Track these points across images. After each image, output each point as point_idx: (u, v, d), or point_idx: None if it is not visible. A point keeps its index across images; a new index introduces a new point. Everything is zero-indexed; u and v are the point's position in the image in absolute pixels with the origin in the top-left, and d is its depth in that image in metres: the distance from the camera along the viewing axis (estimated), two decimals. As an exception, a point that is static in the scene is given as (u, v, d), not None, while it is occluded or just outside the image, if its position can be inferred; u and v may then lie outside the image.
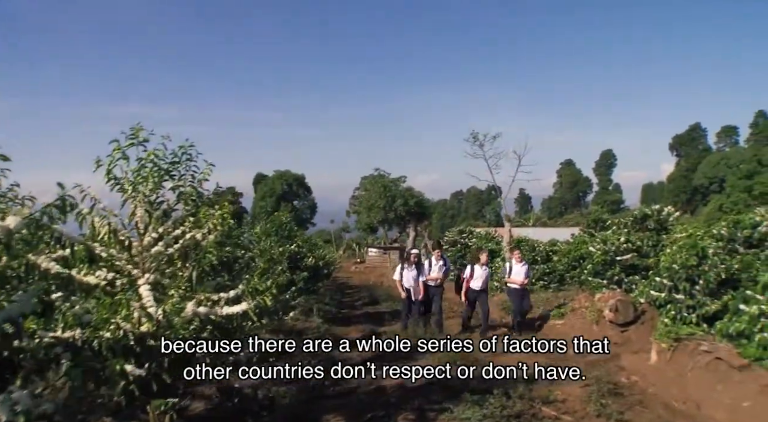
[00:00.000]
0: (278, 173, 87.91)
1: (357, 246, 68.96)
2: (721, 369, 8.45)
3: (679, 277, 11.10)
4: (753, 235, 15.61)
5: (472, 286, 14.23)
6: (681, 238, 12.58)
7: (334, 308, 18.64)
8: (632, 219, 16.58)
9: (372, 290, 26.29)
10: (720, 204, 62.52)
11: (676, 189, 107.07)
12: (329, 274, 21.76)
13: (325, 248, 35.44)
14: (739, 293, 9.61)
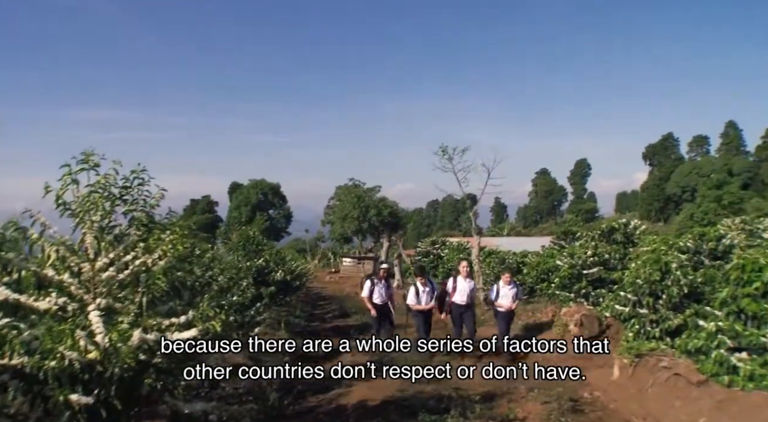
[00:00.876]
0: (253, 182, 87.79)
1: (333, 256, 68.82)
2: (680, 385, 8.54)
3: (643, 292, 11.21)
4: (718, 248, 15.87)
5: (456, 301, 13.28)
6: (645, 252, 12.68)
7: (304, 321, 18.60)
8: (600, 233, 16.74)
9: (343, 302, 26.26)
10: (691, 213, 63.23)
11: (650, 197, 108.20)
12: (300, 287, 21.67)
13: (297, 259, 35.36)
14: (698, 309, 9.72)
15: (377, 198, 40.15)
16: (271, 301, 15.76)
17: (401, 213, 44.21)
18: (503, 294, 13.47)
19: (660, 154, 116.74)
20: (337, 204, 44.34)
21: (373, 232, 40.81)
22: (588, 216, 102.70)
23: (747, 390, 7.81)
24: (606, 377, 10.29)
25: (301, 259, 39.03)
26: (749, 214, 58.35)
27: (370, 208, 37.84)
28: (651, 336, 10.95)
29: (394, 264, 34.55)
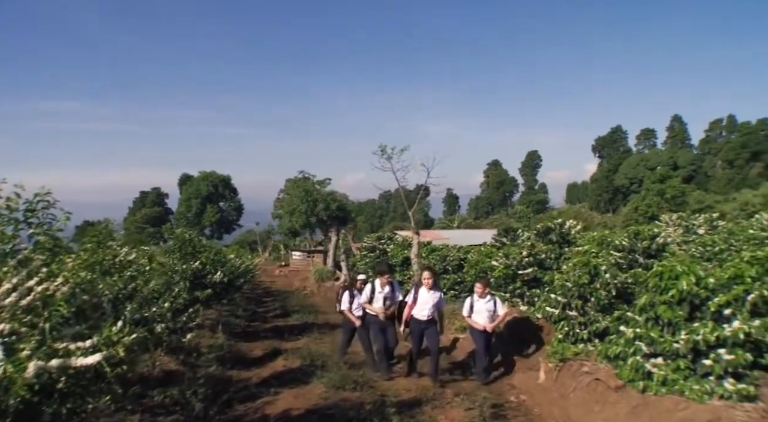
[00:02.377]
0: (204, 174, 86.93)
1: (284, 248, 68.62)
2: (600, 390, 8.77)
3: (572, 295, 11.41)
4: (651, 246, 16.20)
5: (416, 315, 11.11)
6: (577, 254, 12.89)
7: (245, 321, 18.55)
8: (536, 233, 16.95)
9: (287, 299, 26.26)
10: (636, 206, 64.45)
11: (599, 189, 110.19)
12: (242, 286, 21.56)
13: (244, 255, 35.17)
14: (622, 313, 9.94)
15: (326, 191, 40.15)
16: (209, 304, 15.68)
17: (350, 207, 44.27)
18: (478, 309, 11.46)
19: (609, 147, 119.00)
20: (286, 197, 44.20)
21: (321, 226, 40.80)
22: (538, 208, 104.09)
23: (660, 395, 8.07)
24: (533, 381, 10.50)
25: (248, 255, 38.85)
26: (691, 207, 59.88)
27: (318, 202, 37.86)
28: (579, 339, 11.17)
29: (341, 260, 34.54)
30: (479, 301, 11.53)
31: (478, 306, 11.49)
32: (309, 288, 34.66)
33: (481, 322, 11.31)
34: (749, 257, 11.46)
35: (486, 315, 11.34)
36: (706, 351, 8.13)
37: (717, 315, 8.50)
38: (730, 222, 46.83)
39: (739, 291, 9.33)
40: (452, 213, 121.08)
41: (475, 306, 11.55)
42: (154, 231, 68.47)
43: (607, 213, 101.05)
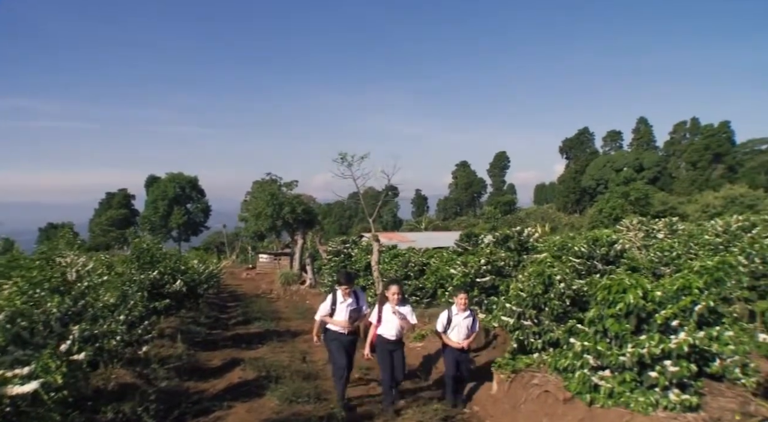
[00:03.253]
0: (170, 176, 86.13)
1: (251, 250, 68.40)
2: (549, 402, 8.90)
3: (526, 304, 11.54)
4: (610, 252, 16.44)
5: (382, 333, 9.88)
6: (533, 264, 13.03)
7: (207, 329, 18.44)
8: (495, 240, 17.11)
9: (252, 305, 26.17)
10: (600, 208, 65.24)
11: (566, 190, 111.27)
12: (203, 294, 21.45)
13: (209, 259, 35.02)
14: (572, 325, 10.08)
15: (292, 194, 40.12)
16: (169, 313, 15.62)
17: (317, 209, 44.24)
18: (456, 324, 10.15)
19: (576, 148, 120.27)
20: (252, 200, 44.10)
21: (287, 229, 40.76)
22: (506, 209, 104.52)
23: (606, 408, 8.22)
24: (486, 391, 10.60)
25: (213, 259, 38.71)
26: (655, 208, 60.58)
27: (284, 205, 37.79)
28: (534, 348, 11.31)
29: (306, 263, 34.53)
30: (458, 316, 10.17)
31: (456, 321, 10.15)
32: (275, 291, 34.64)
33: (456, 339, 10.09)
34: (699, 266, 11.74)
35: (464, 333, 10.13)
36: (652, 364, 8.30)
37: (664, 327, 8.68)
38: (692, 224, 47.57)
39: (686, 302, 9.53)
40: (421, 214, 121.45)
41: (453, 320, 10.18)
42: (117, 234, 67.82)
43: (575, 213, 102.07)
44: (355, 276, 11.26)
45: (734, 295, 11.64)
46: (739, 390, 9.10)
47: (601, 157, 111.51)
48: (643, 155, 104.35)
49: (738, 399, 8.90)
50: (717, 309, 10.55)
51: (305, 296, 30.54)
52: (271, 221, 37.78)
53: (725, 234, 19.79)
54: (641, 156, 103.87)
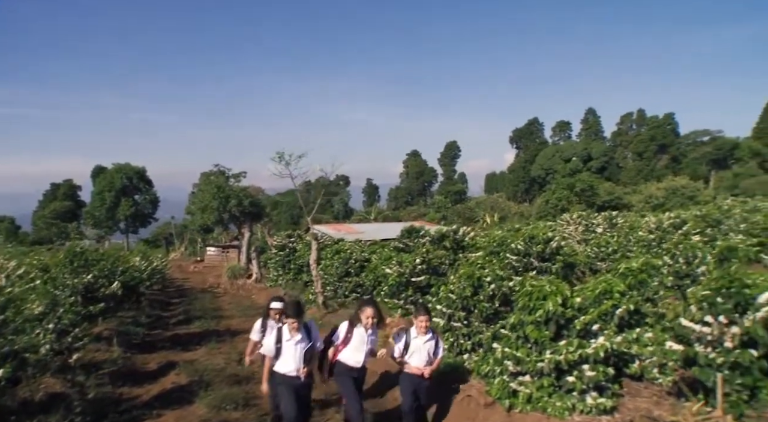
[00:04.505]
0: (117, 166, 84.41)
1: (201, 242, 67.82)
2: (472, 406, 9.16)
3: (456, 306, 11.76)
4: (546, 250, 16.77)
5: (344, 360, 8.39)
6: (464, 265, 13.24)
7: (146, 330, 18.21)
8: (430, 240, 17.33)
9: (196, 301, 25.98)
10: (546, 199, 66.20)
11: (516, 179, 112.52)
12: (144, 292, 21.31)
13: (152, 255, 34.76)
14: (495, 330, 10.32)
15: (239, 187, 39.90)
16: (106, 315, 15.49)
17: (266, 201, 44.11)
18: (416, 348, 8.69)
19: (526, 138, 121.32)
20: (198, 193, 43.73)
21: (234, 222, 40.56)
22: (456, 198, 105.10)
23: (525, 413, 8.48)
24: (416, 392, 10.78)
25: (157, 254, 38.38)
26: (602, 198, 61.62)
27: (230, 198, 37.54)
28: (464, 349, 11.56)
29: (252, 257, 34.44)
30: (418, 339, 8.69)
31: (415, 346, 8.68)
32: (222, 285, 34.48)
33: (416, 365, 8.67)
34: (624, 268, 12.09)
35: (424, 358, 8.67)
36: (570, 369, 8.56)
37: (584, 332, 8.95)
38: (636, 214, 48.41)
39: (608, 306, 9.86)
40: (372, 204, 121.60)
41: (412, 344, 8.71)
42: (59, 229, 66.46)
43: (524, 202, 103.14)
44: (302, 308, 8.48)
45: (657, 296, 11.98)
46: (656, 389, 9.46)
47: (550, 147, 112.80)
48: (591, 145, 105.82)
49: (653, 399, 9.26)
50: (640, 310, 10.91)
51: (251, 290, 30.44)
52: (217, 214, 37.52)
53: (657, 231, 20.34)
54: (589, 146, 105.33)
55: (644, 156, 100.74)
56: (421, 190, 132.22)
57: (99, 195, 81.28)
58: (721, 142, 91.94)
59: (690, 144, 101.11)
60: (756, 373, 7.60)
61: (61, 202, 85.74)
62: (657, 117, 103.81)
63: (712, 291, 7.88)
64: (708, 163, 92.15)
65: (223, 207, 37.17)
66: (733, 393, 7.66)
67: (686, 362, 8.14)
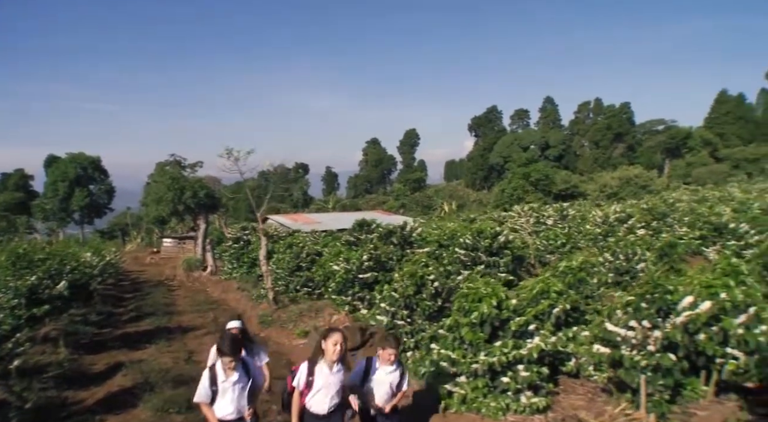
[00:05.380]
0: (71, 156, 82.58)
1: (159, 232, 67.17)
2: (409, 407, 9.31)
3: (399, 305, 11.93)
4: (493, 244, 16.99)
5: (311, 407, 6.85)
6: (408, 263, 13.36)
7: (95, 328, 17.90)
8: (378, 236, 17.46)
9: (149, 296, 25.73)
10: (502, 189, 66.75)
11: (474, 167, 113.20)
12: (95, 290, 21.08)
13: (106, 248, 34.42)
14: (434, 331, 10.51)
15: (194, 178, 39.66)
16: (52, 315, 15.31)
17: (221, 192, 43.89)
18: (378, 380, 7.40)
19: (485, 126, 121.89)
20: (153, 185, 43.29)
21: (190, 214, 40.30)
22: (416, 186, 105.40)
23: (459, 413, 8.69)
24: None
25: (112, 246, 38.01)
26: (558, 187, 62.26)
27: (185, 190, 37.26)
28: (407, 347, 11.74)
29: (207, 250, 34.29)
30: (381, 370, 7.37)
31: (378, 377, 7.36)
32: (178, 278, 34.32)
33: (377, 399, 7.36)
34: (564, 267, 12.35)
35: (386, 392, 7.38)
36: (504, 369, 8.77)
37: (520, 333, 9.16)
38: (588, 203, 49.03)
39: (544, 306, 10.10)
40: (331, 192, 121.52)
41: (375, 376, 7.38)
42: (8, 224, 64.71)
43: (483, 190, 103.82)
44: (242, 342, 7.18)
45: (596, 293, 12.27)
46: (591, 386, 9.73)
47: (508, 135, 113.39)
48: (549, 134, 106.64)
49: (588, 396, 9.53)
50: (579, 307, 11.18)
51: (206, 283, 30.37)
52: (172, 206, 37.21)
53: (604, 225, 20.72)
54: (547, 134, 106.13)
55: (601, 144, 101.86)
56: (381, 178, 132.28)
57: (52, 185, 79.49)
58: (674, 131, 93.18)
59: (645, 133, 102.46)
60: (677, 374, 7.90)
61: (12, 193, 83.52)
62: (613, 106, 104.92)
63: (637, 297, 8.15)
64: (662, 152, 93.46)
65: (178, 198, 36.88)
66: (656, 393, 7.94)
67: (613, 364, 8.39)
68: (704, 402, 8.38)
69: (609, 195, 59.04)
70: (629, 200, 48.57)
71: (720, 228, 19.60)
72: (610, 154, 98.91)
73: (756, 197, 32.02)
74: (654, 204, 26.43)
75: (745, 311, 7.96)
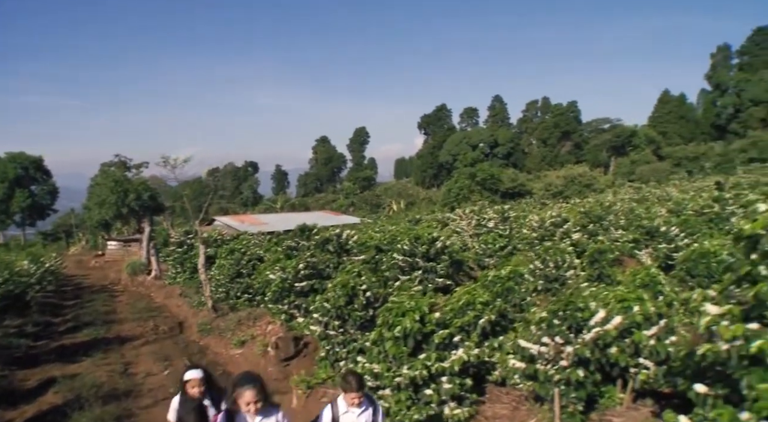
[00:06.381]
0: (10, 155, 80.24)
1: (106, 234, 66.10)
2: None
3: (331, 315, 12.04)
4: (430, 250, 17.23)
5: None
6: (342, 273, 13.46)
7: (30, 341, 17.54)
8: (315, 243, 17.55)
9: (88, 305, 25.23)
10: (449, 189, 67.28)
11: (424, 164, 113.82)
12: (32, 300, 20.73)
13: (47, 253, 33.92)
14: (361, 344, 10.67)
15: (138, 180, 39.27)
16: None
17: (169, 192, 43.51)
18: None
19: (434, 124, 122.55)
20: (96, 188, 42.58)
21: (134, 216, 39.87)
22: (365, 184, 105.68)
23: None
24: (288, 404, 11.05)
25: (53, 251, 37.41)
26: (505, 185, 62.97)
27: (129, 192, 36.88)
28: (339, 358, 11.86)
29: (151, 253, 33.92)
30: (349, 414, 6.24)
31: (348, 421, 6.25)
32: (123, 282, 33.94)
33: None
34: (492, 276, 12.61)
35: None
36: (428, 381, 8.96)
37: (445, 345, 9.35)
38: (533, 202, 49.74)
39: (470, 317, 10.33)
40: (281, 190, 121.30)
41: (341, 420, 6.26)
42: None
43: (432, 188, 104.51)
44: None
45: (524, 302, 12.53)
46: (516, 394, 9.99)
47: (458, 133, 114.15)
48: (497, 132, 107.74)
49: (512, 405, 9.79)
50: (507, 315, 11.45)
51: (150, 288, 29.96)
52: (115, 209, 36.83)
53: (540, 230, 21.11)
54: (496, 132, 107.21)
55: (548, 142, 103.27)
56: (331, 176, 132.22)
57: (-11, 186, 77.11)
58: (620, 129, 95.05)
59: (592, 131, 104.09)
60: (590, 387, 8.19)
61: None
62: (561, 105, 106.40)
63: (550, 314, 8.42)
64: (608, 150, 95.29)
65: (122, 201, 36.50)
66: (570, 405, 8.22)
67: (529, 377, 8.63)
68: (621, 409, 8.71)
69: (554, 193, 59.92)
70: (574, 199, 49.55)
71: (652, 231, 20.16)
72: (558, 152, 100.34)
73: (692, 197, 32.94)
74: (591, 207, 26.95)
75: (657, 323, 8.27)
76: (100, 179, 40.76)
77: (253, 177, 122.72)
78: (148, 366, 14.24)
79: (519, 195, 66.18)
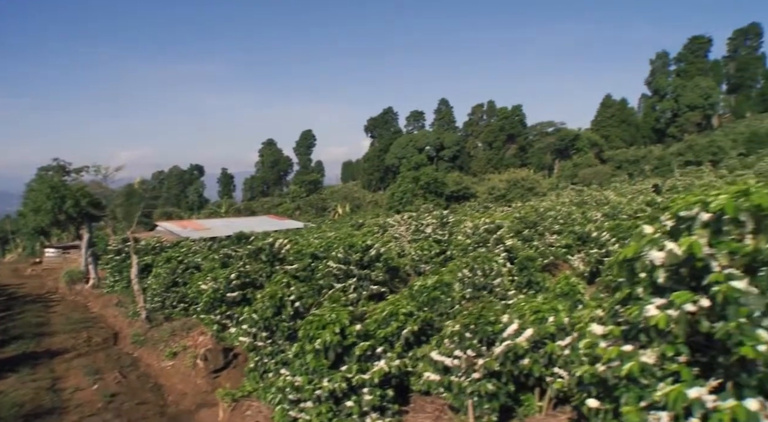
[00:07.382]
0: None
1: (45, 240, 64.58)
2: (258, 434, 9.53)
3: (259, 327, 12.07)
4: (364, 258, 17.35)
5: None
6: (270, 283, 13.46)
7: None
8: (247, 253, 17.53)
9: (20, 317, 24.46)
10: (392, 193, 67.41)
11: (370, 167, 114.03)
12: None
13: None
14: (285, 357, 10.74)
15: (76, 185, 38.43)
16: None
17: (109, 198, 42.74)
18: None
19: (381, 127, 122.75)
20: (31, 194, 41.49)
21: (72, 223, 39.04)
22: (312, 187, 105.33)
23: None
24: (215, 417, 11.08)
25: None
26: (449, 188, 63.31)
27: (66, 198, 36.07)
28: (268, 369, 11.90)
29: (89, 261, 33.33)
30: None
31: None
32: (60, 290, 33.24)
33: None
34: (419, 286, 12.77)
35: None
36: (349, 393, 9.07)
37: (367, 356, 9.48)
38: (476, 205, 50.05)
39: (393, 328, 10.47)
40: (227, 194, 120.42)
41: None
42: None
43: (379, 191, 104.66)
44: None
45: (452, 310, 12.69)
46: (440, 403, 10.15)
47: (404, 136, 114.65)
48: (443, 135, 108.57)
49: (435, 414, 9.95)
50: (434, 325, 11.62)
51: (88, 297, 29.37)
52: (52, 216, 36.00)
53: (474, 236, 21.34)
54: (442, 135, 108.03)
55: (494, 145, 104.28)
56: (277, 180, 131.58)
57: None
58: (564, 133, 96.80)
59: (536, 134, 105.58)
60: (503, 398, 8.39)
61: None
62: (506, 108, 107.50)
63: (461, 328, 8.60)
64: (552, 153, 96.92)
65: (59, 208, 35.69)
66: (484, 415, 8.41)
67: (445, 388, 8.80)
68: (540, 417, 8.94)
69: (497, 197, 60.45)
70: (516, 202, 50.11)
71: (583, 237, 20.59)
72: (503, 155, 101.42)
73: (628, 201, 33.67)
74: (526, 212, 27.30)
75: (571, 333, 8.49)
76: (36, 184, 39.69)
77: (199, 180, 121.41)
78: (77, 381, 14.02)
79: (464, 198, 66.61)
